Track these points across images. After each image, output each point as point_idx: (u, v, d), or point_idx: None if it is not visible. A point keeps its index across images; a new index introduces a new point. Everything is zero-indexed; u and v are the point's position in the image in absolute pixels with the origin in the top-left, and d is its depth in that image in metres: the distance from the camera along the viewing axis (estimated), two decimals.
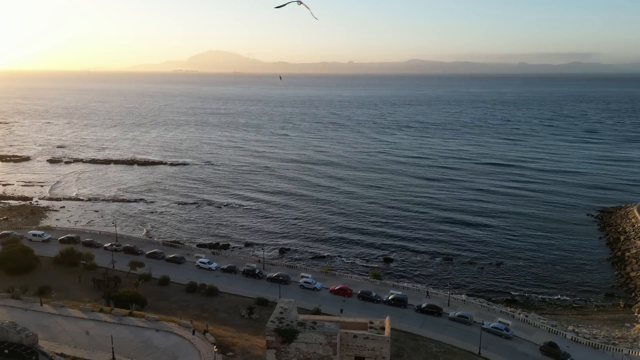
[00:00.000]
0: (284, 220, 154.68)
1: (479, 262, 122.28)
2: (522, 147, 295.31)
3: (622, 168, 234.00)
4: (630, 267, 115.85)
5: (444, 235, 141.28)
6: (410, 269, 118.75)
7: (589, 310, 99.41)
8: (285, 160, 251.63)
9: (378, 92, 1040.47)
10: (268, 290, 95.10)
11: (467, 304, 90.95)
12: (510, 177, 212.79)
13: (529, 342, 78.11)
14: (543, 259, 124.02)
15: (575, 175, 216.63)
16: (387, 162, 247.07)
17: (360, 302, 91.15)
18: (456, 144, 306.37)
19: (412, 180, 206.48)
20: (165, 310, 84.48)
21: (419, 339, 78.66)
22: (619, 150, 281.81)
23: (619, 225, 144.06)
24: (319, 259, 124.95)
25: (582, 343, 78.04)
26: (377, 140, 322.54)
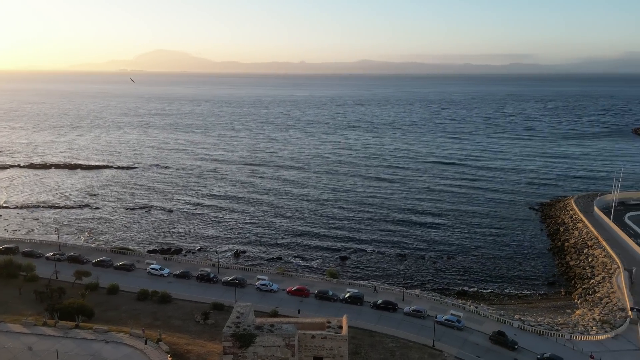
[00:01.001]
0: (237, 223, 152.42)
1: (430, 257, 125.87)
2: (467, 145, 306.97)
3: (560, 163, 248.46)
4: (570, 256, 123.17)
5: (397, 233, 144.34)
6: (365, 267, 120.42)
7: (533, 299, 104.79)
8: (236, 162, 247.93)
9: (329, 92, 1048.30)
10: (224, 294, 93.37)
11: (420, 299, 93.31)
12: (457, 174, 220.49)
13: (479, 332, 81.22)
14: (490, 252, 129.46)
15: (517, 171, 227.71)
16: (338, 162, 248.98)
17: (317, 301, 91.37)
18: (406, 143, 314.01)
19: (364, 180, 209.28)
20: (115, 321, 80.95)
21: (375, 335, 79.88)
22: (556, 147, 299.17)
23: (558, 217, 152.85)
24: (275, 260, 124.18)
25: (528, 330, 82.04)
26: (328, 140, 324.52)
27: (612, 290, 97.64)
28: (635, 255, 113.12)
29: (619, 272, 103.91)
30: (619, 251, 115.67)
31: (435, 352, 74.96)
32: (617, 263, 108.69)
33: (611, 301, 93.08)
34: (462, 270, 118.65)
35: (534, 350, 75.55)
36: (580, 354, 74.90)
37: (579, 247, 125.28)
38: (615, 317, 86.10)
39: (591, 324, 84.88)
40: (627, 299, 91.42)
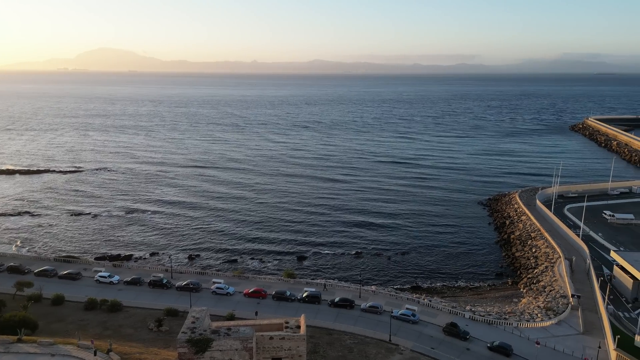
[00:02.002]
0: (190, 227, 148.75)
1: (386, 254, 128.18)
2: (418, 144, 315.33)
3: (504, 159, 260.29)
4: (515, 248, 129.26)
5: (352, 231, 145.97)
6: (323, 266, 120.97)
7: (483, 290, 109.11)
8: (184, 165, 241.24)
9: (281, 91, 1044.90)
10: (178, 300, 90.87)
11: (377, 295, 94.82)
12: (408, 173, 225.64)
13: (433, 325, 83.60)
14: (442, 247, 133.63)
15: (465, 168, 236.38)
16: (291, 163, 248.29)
17: (275, 302, 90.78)
18: (358, 142, 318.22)
19: (317, 181, 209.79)
20: (61, 333, 76.80)
21: (333, 333, 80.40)
22: (501, 144, 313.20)
23: (504, 211, 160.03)
24: (231, 263, 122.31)
25: (478, 320, 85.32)
26: (279, 141, 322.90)
27: (554, 278, 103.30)
28: (574, 245, 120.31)
29: (560, 262, 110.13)
30: (560, 241, 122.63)
31: (391, 347, 76.40)
32: (559, 253, 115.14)
33: (554, 289, 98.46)
34: (416, 265, 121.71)
35: (485, 339, 78.63)
36: (527, 341, 78.68)
37: (524, 239, 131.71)
38: (558, 304, 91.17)
39: (536, 311, 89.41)
40: (568, 287, 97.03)
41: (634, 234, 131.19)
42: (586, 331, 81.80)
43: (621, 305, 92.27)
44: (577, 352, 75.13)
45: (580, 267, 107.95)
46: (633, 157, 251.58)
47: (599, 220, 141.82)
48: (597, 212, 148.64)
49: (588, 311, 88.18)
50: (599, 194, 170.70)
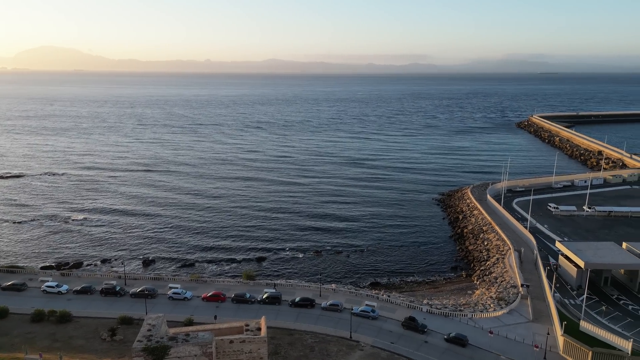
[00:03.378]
0: (142, 232, 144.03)
1: (345, 252, 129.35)
2: (373, 143, 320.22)
3: (456, 156, 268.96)
4: (468, 241, 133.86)
5: (311, 231, 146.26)
6: (282, 266, 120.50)
7: (439, 283, 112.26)
8: (134, 169, 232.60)
9: (235, 91, 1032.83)
10: (132, 307, 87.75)
11: (337, 293, 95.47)
12: (364, 172, 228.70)
13: (393, 320, 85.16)
14: (399, 243, 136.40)
15: (419, 166, 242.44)
16: (245, 164, 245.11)
17: (234, 305, 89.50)
18: (314, 142, 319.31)
19: (273, 181, 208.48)
20: (6, 347, 72.37)
21: (294, 333, 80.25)
22: (452, 141, 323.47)
23: (457, 206, 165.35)
24: (188, 267, 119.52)
25: (435, 313, 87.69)
26: (233, 142, 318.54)
27: (505, 269, 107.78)
28: (522, 237, 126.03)
29: (510, 253, 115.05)
30: (509, 234, 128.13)
31: (352, 344, 77.18)
32: (508, 245, 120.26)
33: (505, 280, 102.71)
34: (374, 262, 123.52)
35: (442, 331, 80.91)
36: (481, 330, 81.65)
37: (476, 233, 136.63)
38: (509, 294, 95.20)
39: (489, 302, 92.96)
40: (518, 277, 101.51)
41: (577, 225, 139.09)
42: (535, 319, 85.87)
43: (567, 293, 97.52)
44: (527, 339, 78.71)
45: (528, 257, 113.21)
46: (574, 152, 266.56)
47: (544, 213, 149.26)
48: (542, 204, 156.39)
49: (537, 299, 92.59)
50: (544, 188, 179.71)
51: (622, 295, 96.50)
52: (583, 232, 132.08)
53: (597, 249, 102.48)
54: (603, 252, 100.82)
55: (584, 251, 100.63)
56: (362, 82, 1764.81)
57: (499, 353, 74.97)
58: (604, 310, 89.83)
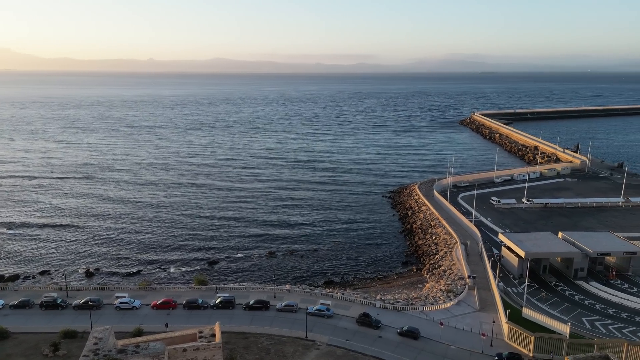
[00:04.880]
0: (84, 240, 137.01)
1: (298, 252, 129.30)
2: (323, 142, 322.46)
3: (404, 154, 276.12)
4: (418, 236, 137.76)
5: (263, 232, 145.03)
6: (235, 269, 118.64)
7: (391, 278, 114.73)
8: (72, 171, 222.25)
9: (181, 91, 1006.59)
10: (76, 320, 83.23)
11: (291, 293, 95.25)
12: (315, 172, 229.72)
13: (347, 317, 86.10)
14: (351, 241, 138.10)
15: (368, 164, 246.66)
16: (193, 166, 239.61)
17: (186, 312, 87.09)
18: (264, 143, 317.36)
19: (223, 183, 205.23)
20: None
21: (249, 336, 79.26)
22: (400, 139, 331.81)
23: (406, 203, 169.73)
24: (135, 275, 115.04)
25: (388, 308, 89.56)
26: (180, 144, 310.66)
27: (453, 262, 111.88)
28: (468, 230, 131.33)
29: (457, 246, 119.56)
30: (456, 227, 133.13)
31: (308, 343, 77.31)
32: (455, 238, 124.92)
33: (453, 272, 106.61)
34: (328, 261, 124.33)
35: (395, 326, 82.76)
36: (432, 322, 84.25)
37: (425, 228, 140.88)
38: (457, 286, 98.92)
39: (439, 294, 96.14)
40: (465, 269, 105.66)
41: (517, 217, 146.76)
42: (482, 308, 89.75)
43: (509, 282, 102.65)
44: (475, 328, 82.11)
45: (474, 250, 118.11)
46: (513, 148, 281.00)
47: (487, 206, 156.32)
48: (485, 198, 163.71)
49: (483, 290, 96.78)
50: (486, 182, 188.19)
51: (559, 282, 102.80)
52: (523, 224, 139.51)
53: (536, 239, 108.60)
54: (541, 242, 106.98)
55: (524, 242, 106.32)
56: (310, 81, 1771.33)
57: (449, 343, 77.70)
58: (543, 296, 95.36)
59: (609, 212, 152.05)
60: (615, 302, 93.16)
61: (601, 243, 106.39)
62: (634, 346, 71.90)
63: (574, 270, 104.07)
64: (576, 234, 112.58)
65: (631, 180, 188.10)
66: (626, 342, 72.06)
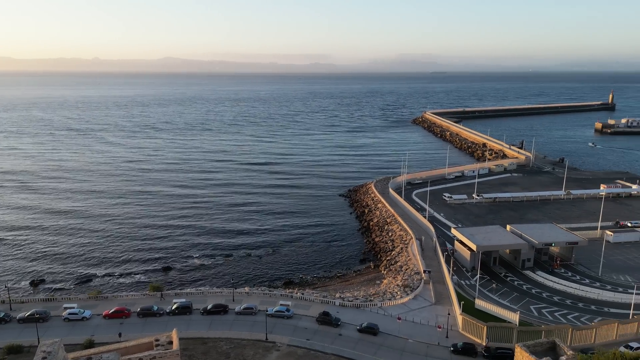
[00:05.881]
0: (25, 249, 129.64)
1: (256, 254, 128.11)
2: (278, 143, 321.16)
3: (359, 153, 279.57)
4: (374, 233, 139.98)
5: (219, 235, 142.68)
6: (192, 274, 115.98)
7: (350, 276, 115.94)
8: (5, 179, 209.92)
9: (129, 91, 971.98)
10: (21, 334, 78.64)
11: (250, 296, 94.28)
12: (271, 173, 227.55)
13: (307, 317, 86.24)
14: (310, 241, 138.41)
15: (325, 164, 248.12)
16: (142, 169, 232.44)
17: (141, 320, 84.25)
18: (217, 144, 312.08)
19: (175, 187, 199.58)
20: None
21: (208, 341, 77.76)
22: (355, 139, 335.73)
23: (363, 201, 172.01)
24: (84, 284, 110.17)
25: (347, 306, 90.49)
26: (128, 145, 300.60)
27: (409, 258, 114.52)
28: (422, 226, 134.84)
29: (413, 242, 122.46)
30: (411, 224, 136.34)
31: (268, 345, 76.82)
32: (410, 234, 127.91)
33: (409, 267, 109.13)
34: (286, 261, 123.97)
35: (354, 323, 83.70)
36: (390, 318, 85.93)
37: (381, 225, 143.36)
38: (414, 281, 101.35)
39: (396, 289, 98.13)
40: (420, 264, 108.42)
41: (468, 212, 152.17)
42: (437, 301, 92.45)
43: (463, 275, 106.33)
44: (431, 321, 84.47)
45: (428, 245, 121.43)
46: (463, 145, 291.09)
47: (440, 202, 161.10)
48: (438, 195, 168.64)
49: (438, 283, 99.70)
50: (439, 179, 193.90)
51: (508, 273, 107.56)
52: (473, 218, 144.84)
53: (487, 233, 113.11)
54: (491, 235, 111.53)
55: (475, 235, 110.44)
56: (264, 81, 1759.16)
57: (407, 337, 79.50)
58: (494, 287, 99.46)
59: (552, 204, 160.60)
60: (559, 290, 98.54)
61: (545, 234, 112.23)
62: (578, 330, 76.39)
63: (521, 261, 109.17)
64: (523, 227, 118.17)
65: (571, 174, 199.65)
66: (571, 328, 76.40)
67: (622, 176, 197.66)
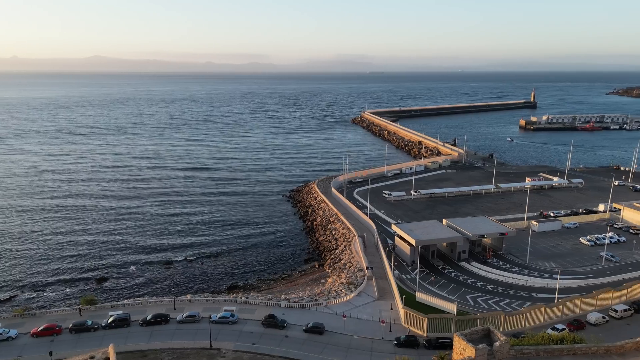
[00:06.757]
0: None
1: (197, 260, 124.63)
2: (216, 145, 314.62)
3: (301, 153, 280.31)
4: (318, 233, 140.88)
5: (158, 243, 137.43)
6: (129, 284, 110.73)
7: (295, 277, 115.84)
8: None
9: (50, 92, 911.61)
10: None
11: (193, 303, 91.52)
12: (211, 177, 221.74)
13: (253, 320, 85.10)
14: (253, 243, 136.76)
15: (267, 165, 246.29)
16: (68, 177, 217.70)
17: (74, 336, 79.14)
18: (151, 148, 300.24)
19: (107, 195, 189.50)
20: None
21: (149, 353, 74.54)
22: (296, 139, 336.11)
23: (306, 201, 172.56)
24: (7, 301, 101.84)
25: (293, 307, 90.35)
26: (52, 152, 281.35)
27: (352, 255, 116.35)
28: (364, 223, 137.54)
29: (355, 240, 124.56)
30: (353, 222, 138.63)
31: (213, 352, 74.96)
32: (353, 232, 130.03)
33: (353, 265, 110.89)
34: (230, 266, 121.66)
35: (300, 323, 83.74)
36: (335, 316, 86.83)
37: (324, 224, 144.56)
38: (357, 278, 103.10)
39: (340, 287, 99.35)
40: (363, 261, 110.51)
41: (407, 208, 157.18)
42: (380, 297, 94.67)
43: (404, 269, 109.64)
44: (375, 317, 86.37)
45: (371, 241, 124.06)
46: (400, 144, 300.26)
47: (380, 199, 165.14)
48: (378, 192, 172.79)
49: (380, 279, 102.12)
50: (378, 177, 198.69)
51: (446, 265, 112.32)
52: (412, 214, 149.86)
53: (425, 227, 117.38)
54: (429, 230, 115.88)
55: (414, 230, 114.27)
56: (200, 81, 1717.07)
57: (352, 334, 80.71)
58: (433, 280, 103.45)
59: (483, 198, 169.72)
60: (492, 279, 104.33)
61: (479, 227, 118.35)
62: (509, 316, 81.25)
63: (457, 253, 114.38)
64: (458, 220, 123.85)
65: (500, 169, 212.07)
66: (503, 314, 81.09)
67: (545, 169, 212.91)
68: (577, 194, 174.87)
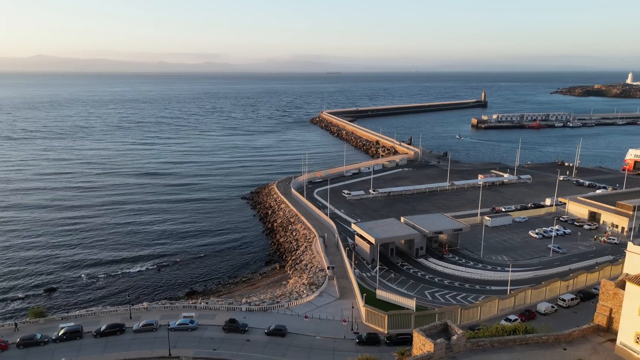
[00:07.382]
0: None
1: (153, 266, 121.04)
2: (171, 147, 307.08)
3: (259, 154, 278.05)
4: (279, 234, 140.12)
5: (109, 250, 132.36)
6: (80, 294, 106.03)
7: (256, 279, 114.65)
8: None
9: None
10: None
11: (150, 311, 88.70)
12: (163, 180, 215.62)
13: (213, 326, 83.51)
14: (211, 247, 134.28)
15: (225, 168, 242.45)
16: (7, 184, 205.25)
17: (21, 351, 74.88)
18: (99, 153, 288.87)
19: (52, 203, 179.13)
20: None
21: None
22: (254, 140, 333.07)
23: (266, 202, 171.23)
24: None
25: (254, 310, 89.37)
26: None
27: (313, 256, 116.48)
28: (325, 223, 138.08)
29: (316, 240, 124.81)
30: (314, 222, 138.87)
31: None
32: (314, 232, 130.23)
33: (314, 265, 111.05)
34: (188, 271, 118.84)
35: (262, 326, 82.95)
36: (297, 317, 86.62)
37: (285, 225, 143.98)
38: (318, 278, 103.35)
39: (302, 288, 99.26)
40: (324, 260, 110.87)
41: (366, 206, 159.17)
42: (342, 296, 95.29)
43: (364, 268, 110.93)
44: (337, 316, 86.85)
45: (331, 241, 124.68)
46: (358, 143, 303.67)
47: (340, 199, 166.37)
48: (338, 192, 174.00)
49: (341, 278, 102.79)
50: (338, 177, 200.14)
51: (405, 262, 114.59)
52: (371, 212, 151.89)
53: (383, 226, 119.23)
54: (388, 228, 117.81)
55: (373, 229, 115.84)
56: (153, 81, 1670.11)
57: (314, 334, 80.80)
58: (392, 277, 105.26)
59: (439, 195, 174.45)
60: (449, 274, 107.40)
61: (435, 223, 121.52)
62: (466, 309, 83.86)
63: (415, 249, 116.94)
64: (415, 218, 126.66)
65: (454, 166, 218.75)
66: (460, 308, 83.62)
67: (496, 166, 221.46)
68: (525, 190, 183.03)
